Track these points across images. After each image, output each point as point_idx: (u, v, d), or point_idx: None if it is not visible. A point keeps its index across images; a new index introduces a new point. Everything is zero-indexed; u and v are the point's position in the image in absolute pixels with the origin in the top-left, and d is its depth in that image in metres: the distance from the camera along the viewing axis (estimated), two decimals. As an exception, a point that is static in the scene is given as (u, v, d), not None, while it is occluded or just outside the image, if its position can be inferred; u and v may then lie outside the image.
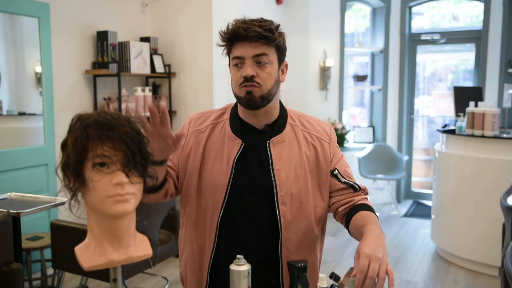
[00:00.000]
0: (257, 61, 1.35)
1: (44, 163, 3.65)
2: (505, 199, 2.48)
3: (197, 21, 4.37)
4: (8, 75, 3.59)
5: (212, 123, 1.48)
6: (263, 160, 1.42)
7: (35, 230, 3.47)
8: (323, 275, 1.30)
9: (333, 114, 5.79)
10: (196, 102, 4.46)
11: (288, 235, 1.42)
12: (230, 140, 1.43)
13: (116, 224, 0.93)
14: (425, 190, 6.38)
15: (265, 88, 1.36)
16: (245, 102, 1.37)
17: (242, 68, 1.36)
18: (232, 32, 1.36)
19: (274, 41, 1.36)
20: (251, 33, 1.33)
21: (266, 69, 1.36)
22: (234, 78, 1.38)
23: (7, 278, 2.22)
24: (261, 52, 1.35)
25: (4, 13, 3.44)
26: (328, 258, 4.14)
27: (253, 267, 1.31)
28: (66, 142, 0.92)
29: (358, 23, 6.65)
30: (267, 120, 1.44)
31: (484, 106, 3.84)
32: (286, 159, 1.42)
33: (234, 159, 1.41)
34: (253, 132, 1.44)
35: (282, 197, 1.40)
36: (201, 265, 1.45)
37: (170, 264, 3.86)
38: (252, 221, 1.42)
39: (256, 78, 1.35)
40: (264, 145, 1.43)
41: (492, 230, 3.59)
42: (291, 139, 1.45)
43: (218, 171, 1.42)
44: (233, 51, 1.38)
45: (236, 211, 1.42)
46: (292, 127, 1.47)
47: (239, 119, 1.45)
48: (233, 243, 1.42)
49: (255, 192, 1.42)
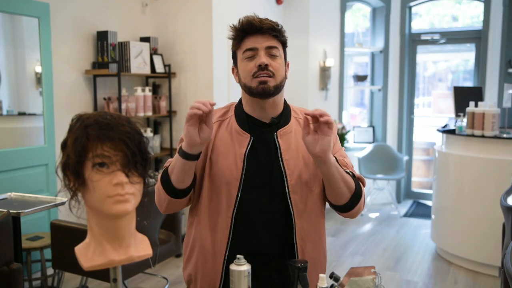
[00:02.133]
0: (269, 53, 1.41)
1: (44, 163, 3.65)
2: (505, 199, 2.48)
3: (197, 21, 4.37)
4: (8, 75, 3.59)
5: (218, 120, 1.50)
6: (272, 152, 1.45)
7: (35, 230, 3.47)
8: (323, 275, 1.30)
9: (333, 114, 5.79)
10: (196, 102, 4.46)
11: (301, 223, 1.45)
12: (239, 135, 1.46)
13: (116, 224, 0.93)
14: (425, 190, 6.38)
15: (278, 78, 1.41)
16: (257, 92, 1.40)
17: (255, 59, 1.40)
18: (248, 23, 1.40)
19: (283, 37, 1.44)
20: (265, 25, 1.40)
21: (277, 61, 1.42)
22: (247, 69, 1.41)
23: (7, 278, 2.22)
24: (273, 45, 1.41)
25: (4, 13, 3.44)
26: (328, 258, 4.10)
27: (269, 259, 1.33)
28: (66, 142, 0.92)
29: (358, 23, 6.65)
30: (273, 113, 1.47)
31: (484, 106, 3.84)
32: (294, 149, 1.45)
33: (244, 153, 1.43)
34: (260, 126, 1.46)
35: (293, 186, 1.43)
36: (214, 263, 1.45)
37: (170, 264, 3.86)
38: (265, 213, 1.44)
39: (270, 67, 1.39)
40: (272, 137, 1.46)
41: (492, 230, 3.59)
42: (297, 130, 1.48)
43: (229, 167, 1.43)
44: (244, 44, 1.42)
45: (250, 205, 1.43)
46: (297, 120, 1.51)
47: (245, 114, 1.48)
48: (248, 238, 1.43)
49: (267, 184, 1.44)
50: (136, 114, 4.14)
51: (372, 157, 5.82)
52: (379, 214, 5.64)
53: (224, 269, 1.44)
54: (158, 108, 4.43)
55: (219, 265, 1.44)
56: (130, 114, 4.07)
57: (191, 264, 1.52)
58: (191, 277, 1.52)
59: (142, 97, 4.19)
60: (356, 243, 4.56)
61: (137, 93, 4.18)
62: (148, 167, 0.96)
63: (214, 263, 1.45)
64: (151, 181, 1.01)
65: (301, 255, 1.45)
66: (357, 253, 4.30)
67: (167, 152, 4.44)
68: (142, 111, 4.19)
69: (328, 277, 1.36)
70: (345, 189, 1.41)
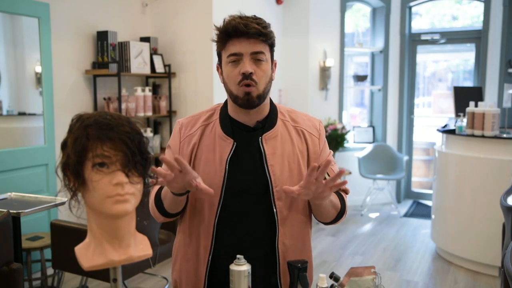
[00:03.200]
0: (255, 59, 1.35)
1: (44, 163, 3.65)
2: (505, 199, 2.48)
3: (197, 21, 4.37)
4: (8, 75, 3.59)
5: (202, 124, 1.46)
6: (257, 157, 1.41)
7: (35, 230, 3.47)
8: (323, 275, 1.30)
9: (333, 114, 5.79)
10: (196, 102, 4.46)
11: (285, 230, 1.42)
12: (222, 140, 1.42)
13: (116, 224, 0.93)
14: (425, 190, 6.38)
15: (261, 87, 1.36)
16: (242, 103, 1.37)
17: (239, 65, 1.35)
18: (232, 27, 1.34)
19: (270, 39, 1.38)
20: (251, 29, 1.33)
21: (262, 67, 1.37)
22: (232, 75, 1.37)
23: (7, 278, 2.22)
24: (259, 50, 1.35)
25: (4, 13, 3.44)
26: (328, 258, 4.14)
27: (252, 265, 1.31)
28: (66, 142, 0.92)
29: (358, 23, 6.65)
30: (258, 117, 1.43)
31: (484, 106, 3.84)
32: (279, 154, 1.42)
33: (226, 159, 1.40)
34: (244, 130, 1.43)
35: (278, 192, 1.40)
36: (197, 269, 1.44)
37: (170, 264, 3.85)
38: (248, 220, 1.42)
39: (254, 76, 1.34)
40: (256, 142, 1.42)
41: (492, 230, 3.59)
42: (283, 134, 1.45)
43: (211, 173, 1.40)
44: (228, 47, 1.36)
45: (232, 212, 1.41)
46: (283, 122, 1.47)
47: (229, 118, 1.44)
48: (230, 243, 1.42)
49: (250, 190, 1.41)
50: (136, 114, 4.14)
51: (372, 157, 5.81)
52: (379, 214, 5.64)
53: (207, 275, 1.43)
54: (158, 108, 4.43)
55: (202, 272, 1.43)
56: (130, 114, 4.07)
57: (176, 270, 1.52)
58: (177, 283, 1.52)
59: (142, 97, 4.19)
60: (356, 243, 4.56)
61: (137, 93, 4.18)
62: (148, 167, 0.96)
63: (197, 269, 1.44)
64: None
65: (282, 262, 1.42)
66: (357, 253, 4.30)
67: (167, 152, 4.44)
68: (142, 111, 4.19)
69: (328, 277, 1.36)
70: (333, 211, 1.44)
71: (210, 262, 1.42)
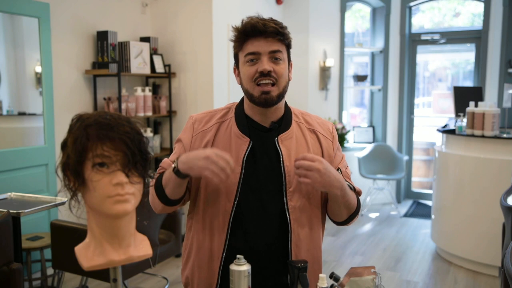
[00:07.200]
0: (273, 57, 1.37)
1: (44, 163, 3.65)
2: (505, 199, 2.48)
3: (197, 21, 4.37)
4: (8, 75, 3.59)
5: (217, 121, 1.47)
6: (272, 157, 1.42)
7: (35, 230, 3.47)
8: (323, 275, 1.30)
9: (333, 114, 5.79)
10: (196, 102, 4.46)
11: (297, 230, 1.43)
12: (238, 139, 1.42)
13: (116, 224, 0.93)
14: (425, 190, 6.38)
15: (281, 85, 1.38)
16: (260, 101, 1.38)
17: (257, 63, 1.36)
18: (251, 26, 1.36)
19: (287, 39, 1.40)
20: (269, 28, 1.35)
21: (280, 65, 1.38)
22: (248, 73, 1.38)
23: (7, 278, 2.22)
24: (277, 49, 1.37)
25: (4, 13, 3.44)
26: (328, 258, 4.14)
27: (264, 265, 1.32)
28: (66, 142, 0.92)
29: (358, 23, 6.65)
30: (274, 117, 1.44)
31: (484, 106, 3.84)
32: (294, 155, 1.43)
33: (243, 158, 1.40)
34: (259, 130, 1.44)
35: (291, 193, 1.41)
36: (211, 266, 1.45)
37: (170, 264, 3.86)
38: (262, 219, 1.42)
39: (273, 73, 1.36)
40: (272, 142, 1.43)
41: (492, 230, 3.59)
42: (298, 135, 1.46)
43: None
44: (246, 47, 1.38)
45: (247, 211, 1.42)
46: (298, 124, 1.48)
47: (245, 117, 1.45)
48: (244, 242, 1.42)
49: (265, 190, 1.42)
50: (136, 114, 4.14)
51: (372, 157, 5.82)
52: (379, 214, 5.64)
53: (221, 272, 1.43)
54: (158, 108, 4.43)
55: (215, 268, 1.44)
56: (130, 114, 4.07)
57: (189, 267, 1.51)
58: (188, 279, 1.52)
59: (142, 97, 4.19)
60: (356, 243, 4.56)
61: (137, 93, 4.18)
62: (148, 167, 0.96)
63: (211, 265, 1.44)
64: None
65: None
66: (357, 253, 4.30)
67: (167, 152, 4.44)
68: (142, 111, 4.19)
69: (328, 277, 1.36)
70: (345, 211, 1.45)
71: (224, 258, 1.42)
